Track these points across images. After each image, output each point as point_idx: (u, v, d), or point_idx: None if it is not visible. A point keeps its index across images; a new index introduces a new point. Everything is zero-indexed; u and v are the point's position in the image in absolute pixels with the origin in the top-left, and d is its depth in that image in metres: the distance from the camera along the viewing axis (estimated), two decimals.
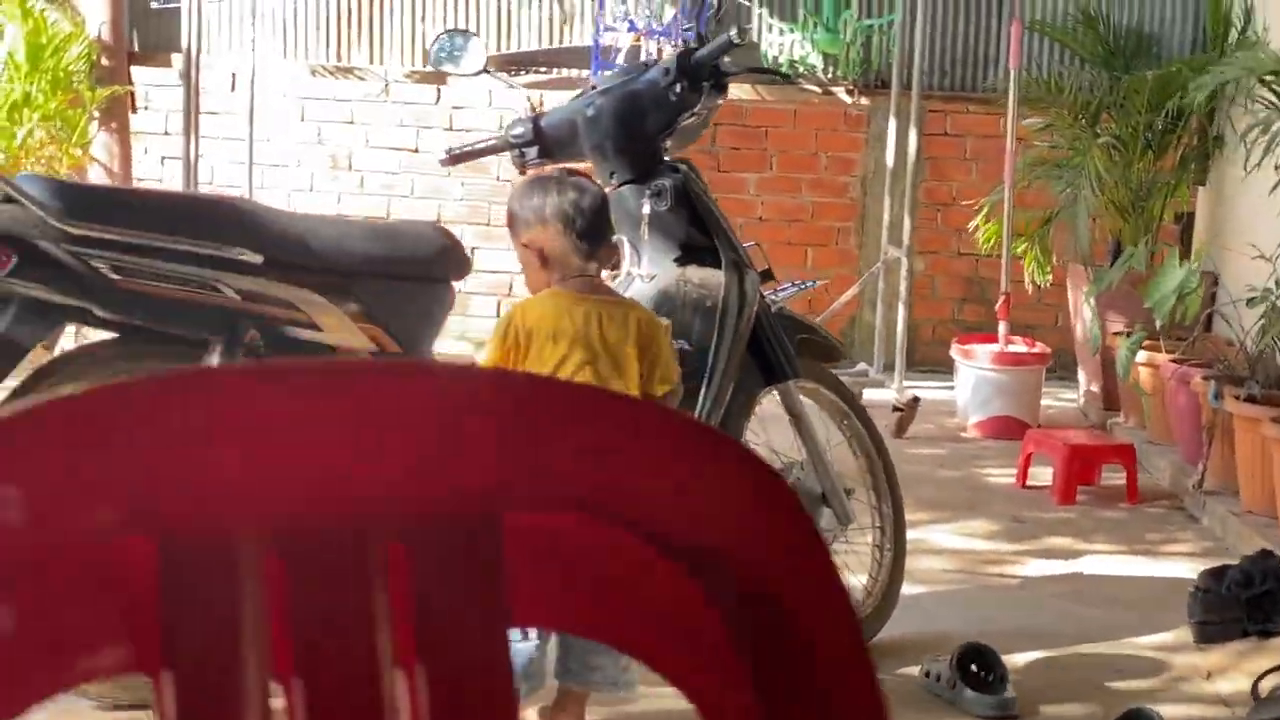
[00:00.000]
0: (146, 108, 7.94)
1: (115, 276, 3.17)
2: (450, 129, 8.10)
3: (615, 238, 3.38)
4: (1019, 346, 6.72)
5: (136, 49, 7.78)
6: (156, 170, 8.08)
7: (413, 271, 3.51)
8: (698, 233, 3.67)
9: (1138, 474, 5.57)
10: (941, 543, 4.85)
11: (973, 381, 6.60)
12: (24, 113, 6.72)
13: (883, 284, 7.36)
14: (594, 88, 3.86)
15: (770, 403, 3.91)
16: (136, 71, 7.75)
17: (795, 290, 4.09)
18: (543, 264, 3.08)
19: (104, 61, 7.17)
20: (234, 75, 7.92)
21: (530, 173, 3.59)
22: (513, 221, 3.17)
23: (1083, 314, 6.86)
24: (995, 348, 6.63)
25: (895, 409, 6.38)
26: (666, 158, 3.72)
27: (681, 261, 3.65)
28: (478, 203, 8.16)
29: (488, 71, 4.04)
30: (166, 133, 8.05)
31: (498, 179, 7.94)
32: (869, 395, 5.97)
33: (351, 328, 3.38)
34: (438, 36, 4.08)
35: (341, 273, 3.38)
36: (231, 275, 3.24)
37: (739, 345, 3.60)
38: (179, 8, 6.47)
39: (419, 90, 8.07)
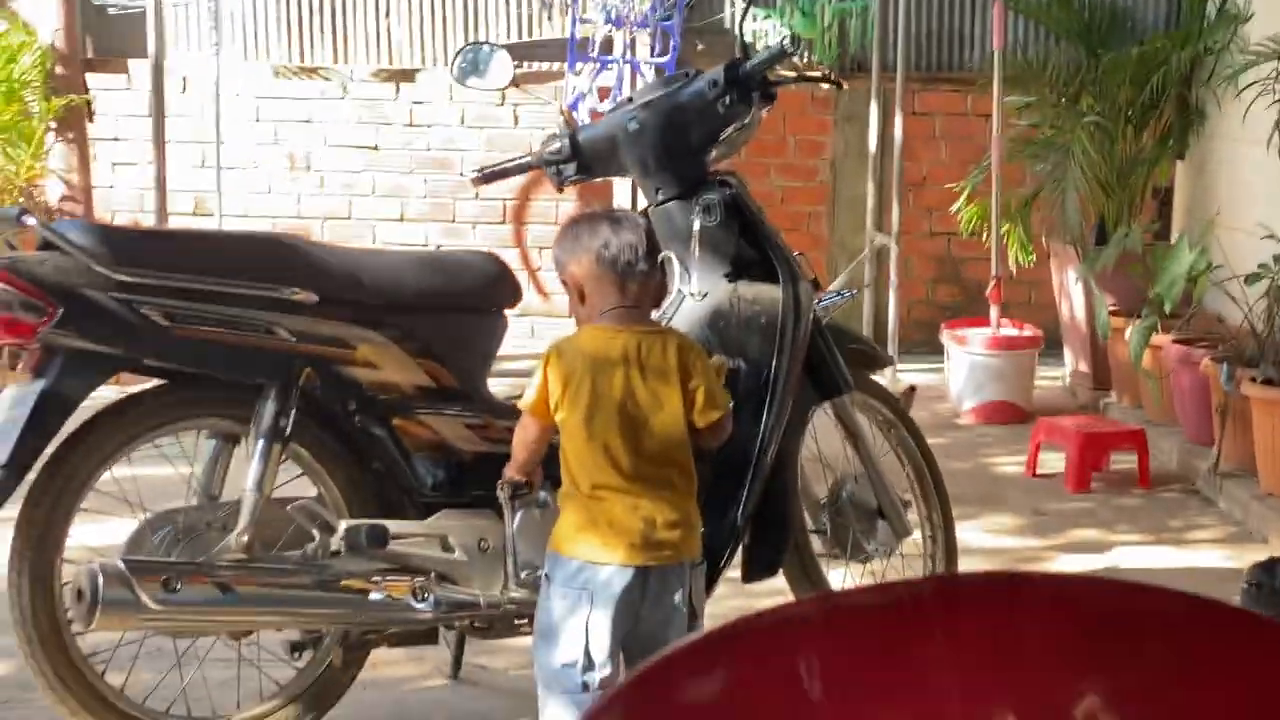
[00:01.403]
0: (97, 114, 7.69)
1: (166, 323, 3.01)
2: (411, 124, 7.93)
3: (662, 255, 3.24)
4: (1010, 329, 6.69)
5: (90, 55, 7.52)
6: (108, 177, 7.84)
7: (467, 303, 3.37)
8: (748, 246, 3.56)
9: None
10: (971, 541, 4.77)
11: (967, 367, 6.55)
12: None
13: (867, 270, 7.31)
14: (630, 100, 3.72)
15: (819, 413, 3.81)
16: (90, 79, 7.50)
17: (838, 300, 3.99)
18: (582, 300, 2.96)
19: (58, 70, 6.91)
20: (185, 79, 7.71)
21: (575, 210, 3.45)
22: (556, 260, 3.05)
23: (1070, 294, 6.84)
24: (988, 332, 6.59)
25: None
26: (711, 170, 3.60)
27: (732, 277, 3.53)
28: (442, 200, 8.00)
29: (515, 85, 3.89)
30: (117, 139, 7.82)
31: (460, 175, 7.78)
32: None
33: (410, 364, 3.25)
34: (459, 51, 3.93)
35: (397, 308, 3.24)
36: (286, 316, 3.10)
37: (798, 361, 3.50)
38: (141, 11, 6.24)
39: (379, 88, 7.89)
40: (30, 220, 2.97)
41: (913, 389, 6.48)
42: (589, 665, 2.80)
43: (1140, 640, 0.78)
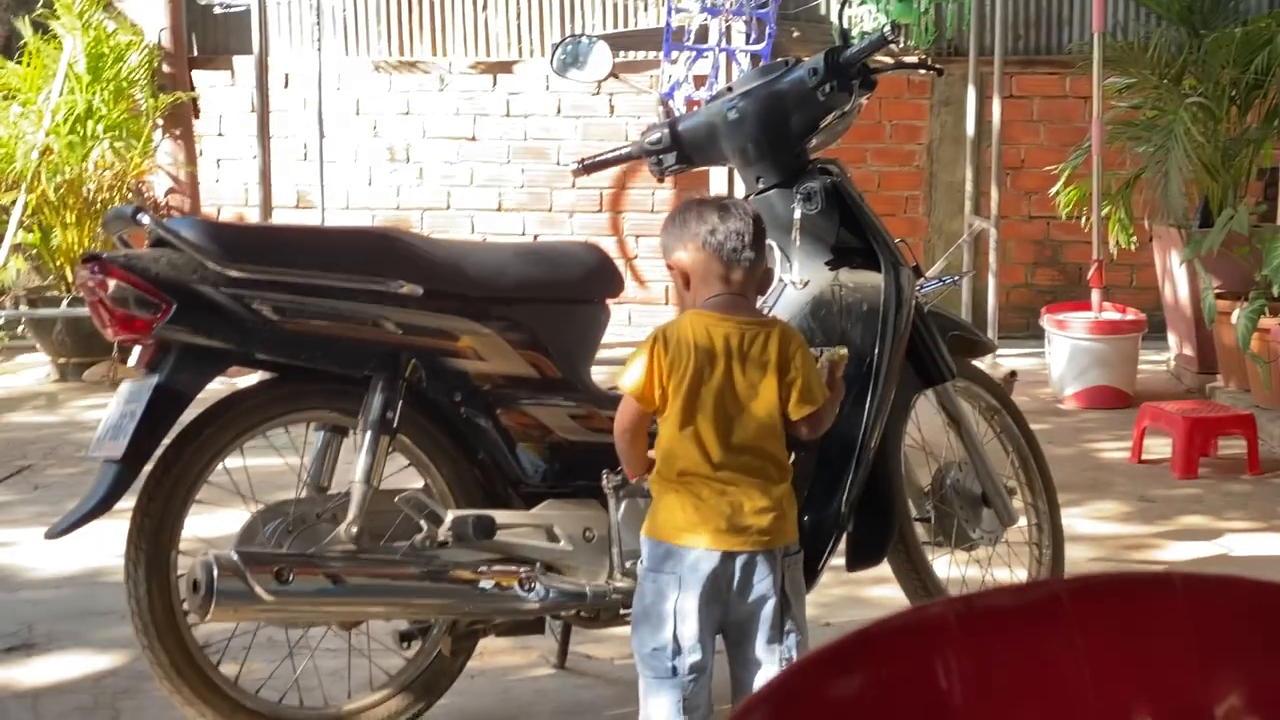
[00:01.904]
0: (203, 111, 7.82)
1: (276, 318, 3.06)
2: (508, 115, 7.98)
3: (768, 245, 3.23)
4: (1112, 313, 6.60)
5: (196, 54, 7.65)
6: (214, 172, 7.96)
7: (569, 294, 3.40)
8: (849, 234, 3.55)
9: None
10: (1077, 528, 4.73)
11: (1068, 351, 6.48)
12: (88, 125, 6.60)
13: (966, 255, 7.25)
14: (729, 89, 3.72)
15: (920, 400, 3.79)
16: (195, 76, 7.63)
17: (939, 286, 3.97)
18: (687, 286, 2.96)
19: (165, 68, 7.03)
20: (287, 74, 7.81)
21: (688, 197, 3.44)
22: (663, 246, 3.05)
23: (1174, 277, 6.75)
24: (1090, 316, 6.51)
25: None
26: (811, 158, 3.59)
27: (834, 265, 3.53)
28: (539, 189, 8.04)
29: (614, 76, 3.90)
30: (222, 134, 7.94)
31: (557, 164, 7.83)
32: None
33: (514, 355, 3.27)
34: (558, 44, 3.95)
35: (500, 300, 3.27)
36: (393, 309, 3.13)
37: (900, 348, 3.48)
38: (245, 9, 6.33)
39: (476, 80, 7.94)
40: (145, 219, 3.02)
41: (1014, 374, 6.45)
42: (678, 649, 2.80)
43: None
